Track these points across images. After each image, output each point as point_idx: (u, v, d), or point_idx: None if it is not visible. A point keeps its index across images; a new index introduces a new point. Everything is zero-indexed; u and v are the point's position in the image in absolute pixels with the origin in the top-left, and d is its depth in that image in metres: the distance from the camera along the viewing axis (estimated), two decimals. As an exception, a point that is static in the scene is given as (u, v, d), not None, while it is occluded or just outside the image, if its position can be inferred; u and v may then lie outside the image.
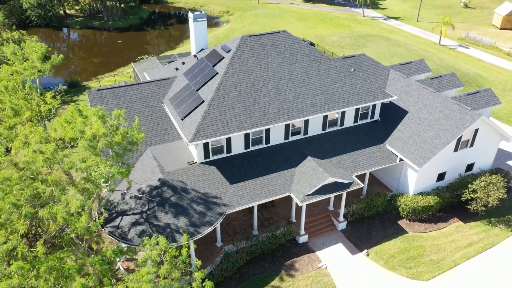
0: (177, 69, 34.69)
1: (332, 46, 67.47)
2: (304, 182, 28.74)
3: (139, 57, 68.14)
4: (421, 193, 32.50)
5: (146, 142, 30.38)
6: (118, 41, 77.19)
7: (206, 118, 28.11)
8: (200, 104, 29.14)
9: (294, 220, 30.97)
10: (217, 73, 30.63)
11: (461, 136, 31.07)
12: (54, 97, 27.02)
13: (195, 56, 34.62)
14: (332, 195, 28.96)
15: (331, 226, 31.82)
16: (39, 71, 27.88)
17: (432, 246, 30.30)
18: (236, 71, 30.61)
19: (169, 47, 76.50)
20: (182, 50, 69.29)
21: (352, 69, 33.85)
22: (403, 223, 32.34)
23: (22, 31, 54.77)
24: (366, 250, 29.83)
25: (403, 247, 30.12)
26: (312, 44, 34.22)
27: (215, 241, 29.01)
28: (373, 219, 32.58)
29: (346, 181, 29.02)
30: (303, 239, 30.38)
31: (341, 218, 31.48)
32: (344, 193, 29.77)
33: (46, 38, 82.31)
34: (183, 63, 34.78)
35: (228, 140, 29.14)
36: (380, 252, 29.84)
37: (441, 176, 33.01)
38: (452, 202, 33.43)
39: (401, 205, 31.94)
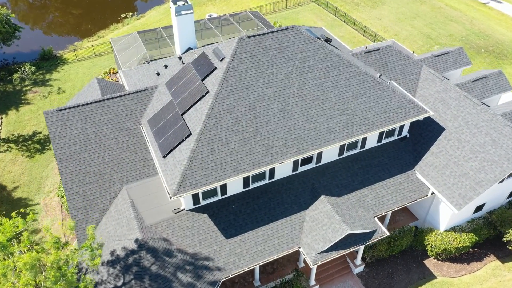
0: (158, 74, 27.66)
1: (345, 2, 58.26)
2: (316, 233, 23.38)
3: (123, 15, 59.41)
4: (454, 227, 27.31)
5: (121, 178, 24.57)
6: (99, -7, 67.34)
7: (194, 160, 22.00)
8: (186, 138, 22.82)
9: (302, 264, 26.14)
10: (207, 92, 23.88)
11: None
12: (22, 79, 19.13)
13: (180, 58, 27.39)
14: (350, 250, 23.72)
15: (346, 269, 27.03)
16: None
17: (465, 298, 25.79)
18: (232, 89, 23.85)
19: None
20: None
21: (378, 75, 26.92)
22: (430, 263, 27.53)
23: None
24: (387, 305, 25.36)
25: (430, 299, 25.63)
26: (328, 40, 26.89)
27: (209, 297, 24.36)
28: (395, 257, 27.73)
29: (367, 231, 23.68)
30: (313, 289, 25.79)
31: (358, 261, 26.60)
32: (364, 240, 24.56)
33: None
34: (166, 66, 27.64)
35: (223, 182, 23.29)
36: (403, 306, 25.39)
37: (479, 208, 27.58)
38: (489, 236, 28.36)
39: (430, 244, 26.90)
